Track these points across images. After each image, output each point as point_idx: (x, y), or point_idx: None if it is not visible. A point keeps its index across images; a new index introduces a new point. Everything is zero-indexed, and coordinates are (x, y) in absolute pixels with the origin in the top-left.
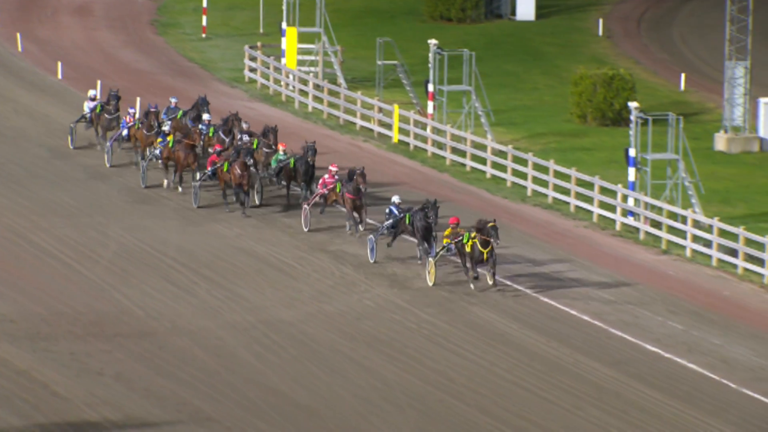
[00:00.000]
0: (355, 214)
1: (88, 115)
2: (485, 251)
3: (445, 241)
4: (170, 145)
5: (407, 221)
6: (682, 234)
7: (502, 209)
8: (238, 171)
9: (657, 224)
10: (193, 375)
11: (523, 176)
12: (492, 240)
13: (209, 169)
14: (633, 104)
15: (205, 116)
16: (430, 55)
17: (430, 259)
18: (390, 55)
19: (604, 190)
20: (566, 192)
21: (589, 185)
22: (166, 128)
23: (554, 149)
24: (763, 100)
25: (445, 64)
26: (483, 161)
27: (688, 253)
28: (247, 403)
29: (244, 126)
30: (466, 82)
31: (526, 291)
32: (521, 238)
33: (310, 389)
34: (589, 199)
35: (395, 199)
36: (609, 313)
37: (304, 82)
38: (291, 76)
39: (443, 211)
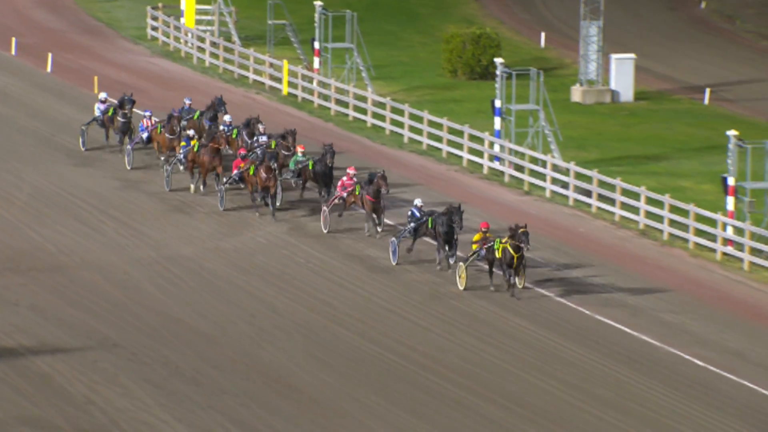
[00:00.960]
0: (374, 216)
1: (100, 117)
2: (516, 256)
3: (474, 246)
4: (195, 149)
5: (429, 225)
6: (542, 177)
7: (381, 155)
8: (264, 174)
9: (520, 168)
10: (101, 305)
11: (401, 125)
12: (523, 245)
13: (235, 172)
14: (498, 60)
15: (226, 117)
16: (316, 15)
17: (461, 264)
18: (280, 16)
19: (472, 138)
20: (439, 139)
21: (460, 133)
22: (190, 132)
23: (428, 101)
24: (614, 56)
25: (329, 23)
26: (364, 112)
27: (547, 193)
28: (151, 331)
29: (261, 128)
30: (348, 40)
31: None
32: (400, 182)
33: (208, 317)
34: (459, 146)
35: (417, 201)
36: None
37: (202, 39)
38: (189, 35)
39: (340, 160)
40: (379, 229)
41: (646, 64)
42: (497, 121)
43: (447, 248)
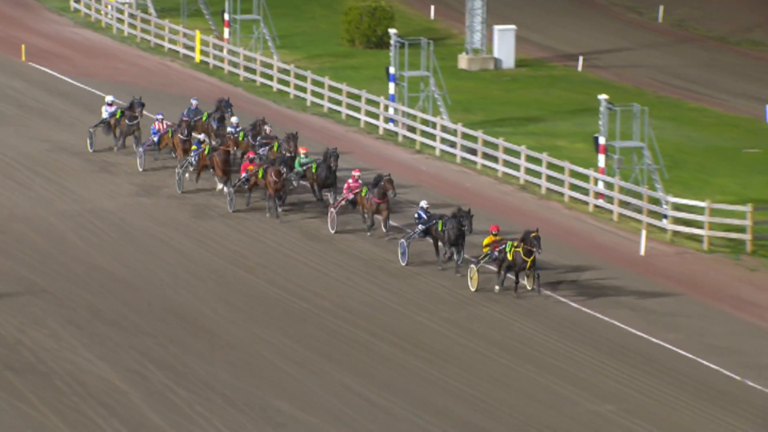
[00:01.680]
0: (378, 217)
1: (108, 120)
2: (528, 260)
3: (485, 249)
4: (206, 152)
5: (440, 228)
6: (432, 137)
7: (286, 117)
8: (273, 178)
9: (412, 129)
10: (29, 255)
11: (304, 90)
12: (534, 249)
13: (243, 175)
14: (392, 31)
15: (233, 119)
16: None
17: (472, 266)
18: None
19: (369, 101)
20: (339, 103)
21: (357, 97)
22: (201, 136)
23: (328, 68)
24: (497, 27)
25: None
26: (270, 78)
27: (437, 152)
28: (75, 278)
29: (267, 129)
30: (255, 12)
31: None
32: (306, 143)
33: (128, 266)
34: (357, 109)
35: (423, 203)
36: None
37: (121, 11)
38: (110, 7)
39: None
40: (384, 230)
41: (526, 34)
42: (391, 86)
43: (455, 251)
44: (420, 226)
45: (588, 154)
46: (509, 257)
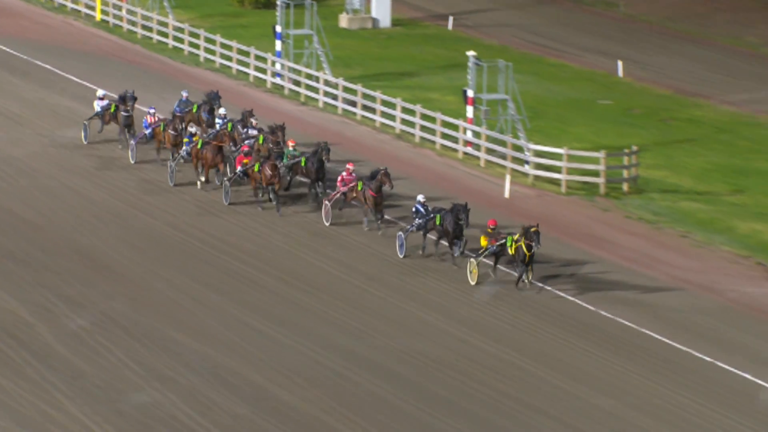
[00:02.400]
0: (375, 210)
1: (101, 113)
2: (528, 254)
3: (483, 243)
4: (198, 146)
5: (438, 222)
6: (316, 90)
7: (180, 72)
8: (269, 172)
9: (297, 83)
10: None
11: (197, 47)
12: (534, 244)
13: (239, 168)
14: None
15: (221, 110)
16: None
17: (472, 260)
18: None
19: (257, 57)
20: (229, 59)
21: (247, 53)
22: (193, 129)
23: (220, 26)
24: None
25: None
26: (166, 35)
27: (320, 104)
28: None
29: (253, 122)
30: None
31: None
32: (198, 97)
33: (36, 209)
34: (246, 64)
35: (420, 197)
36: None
37: None
38: None
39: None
40: (380, 223)
41: None
42: (278, 43)
43: (456, 244)
44: (417, 220)
45: (458, 106)
46: (511, 251)
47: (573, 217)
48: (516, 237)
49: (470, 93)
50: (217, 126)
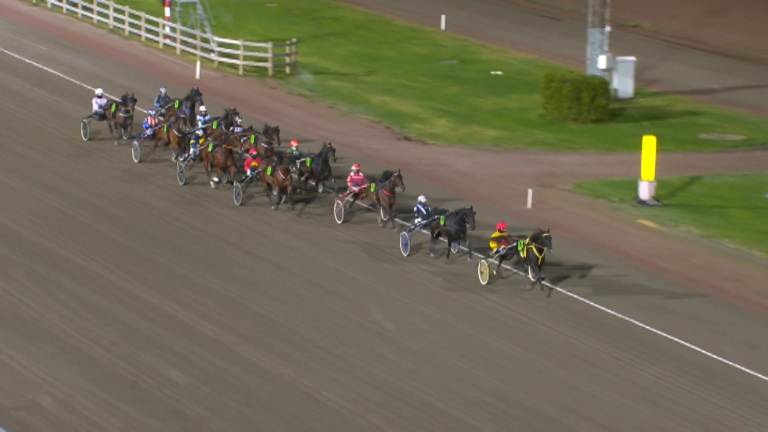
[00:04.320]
0: (388, 209)
1: (101, 112)
2: (540, 257)
3: (493, 245)
4: (210, 148)
5: (442, 223)
6: None
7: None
8: (281, 175)
9: None
10: None
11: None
12: (545, 249)
13: (249, 171)
14: None
15: (202, 108)
16: None
17: (483, 261)
18: None
19: None
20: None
21: None
22: (199, 132)
23: None
24: None
25: None
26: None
27: (49, 5)
28: None
29: (238, 120)
30: None
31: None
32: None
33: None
34: None
35: (421, 198)
36: None
37: None
38: None
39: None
40: (390, 221)
41: None
42: None
43: (454, 243)
44: (418, 220)
45: (158, 7)
46: (523, 254)
47: (249, 94)
48: (527, 241)
49: None
50: (199, 123)
